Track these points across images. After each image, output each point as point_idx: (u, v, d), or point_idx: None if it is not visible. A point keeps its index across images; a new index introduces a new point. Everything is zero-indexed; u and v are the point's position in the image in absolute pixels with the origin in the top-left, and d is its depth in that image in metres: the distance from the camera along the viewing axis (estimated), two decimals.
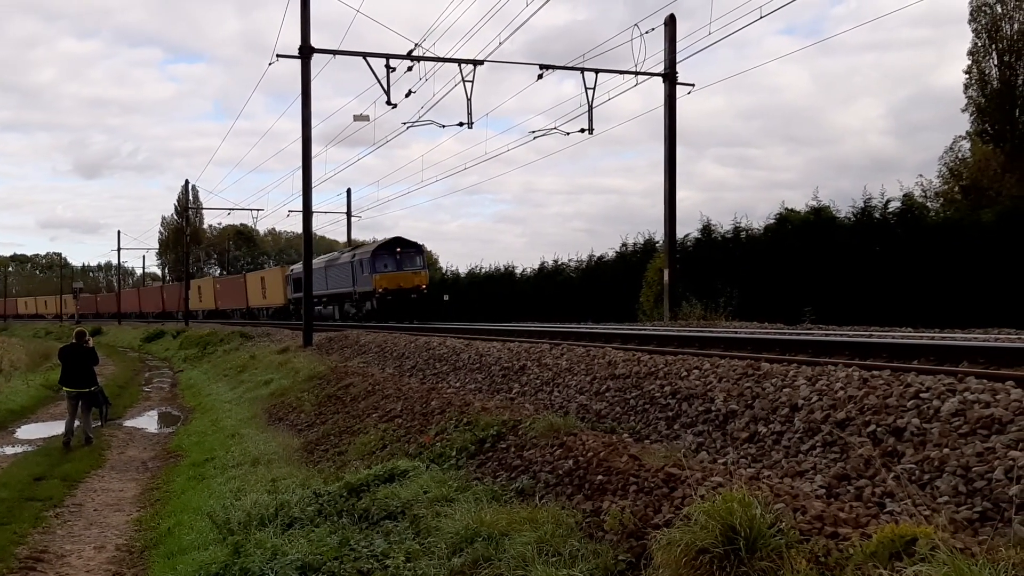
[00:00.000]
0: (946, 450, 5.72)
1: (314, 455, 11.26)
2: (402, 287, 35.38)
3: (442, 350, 16.57)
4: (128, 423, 18.48)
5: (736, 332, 14.97)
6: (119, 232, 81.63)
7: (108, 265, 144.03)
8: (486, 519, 6.10)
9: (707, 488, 5.54)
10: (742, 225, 29.96)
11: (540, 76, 24.50)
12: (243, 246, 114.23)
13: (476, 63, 23.81)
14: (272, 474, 9.88)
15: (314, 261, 42.51)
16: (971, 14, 35.04)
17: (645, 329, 18.28)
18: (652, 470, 6.22)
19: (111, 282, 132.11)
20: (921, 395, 6.54)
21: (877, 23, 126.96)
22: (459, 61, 23.81)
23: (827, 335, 13.38)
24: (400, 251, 36.47)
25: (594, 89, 24.65)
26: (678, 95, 24.80)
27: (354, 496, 7.60)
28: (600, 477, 6.54)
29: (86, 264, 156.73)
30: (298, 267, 44.96)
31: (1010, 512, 4.96)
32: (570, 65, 24.78)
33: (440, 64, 24.07)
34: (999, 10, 34.58)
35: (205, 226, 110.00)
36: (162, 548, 8.26)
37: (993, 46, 34.61)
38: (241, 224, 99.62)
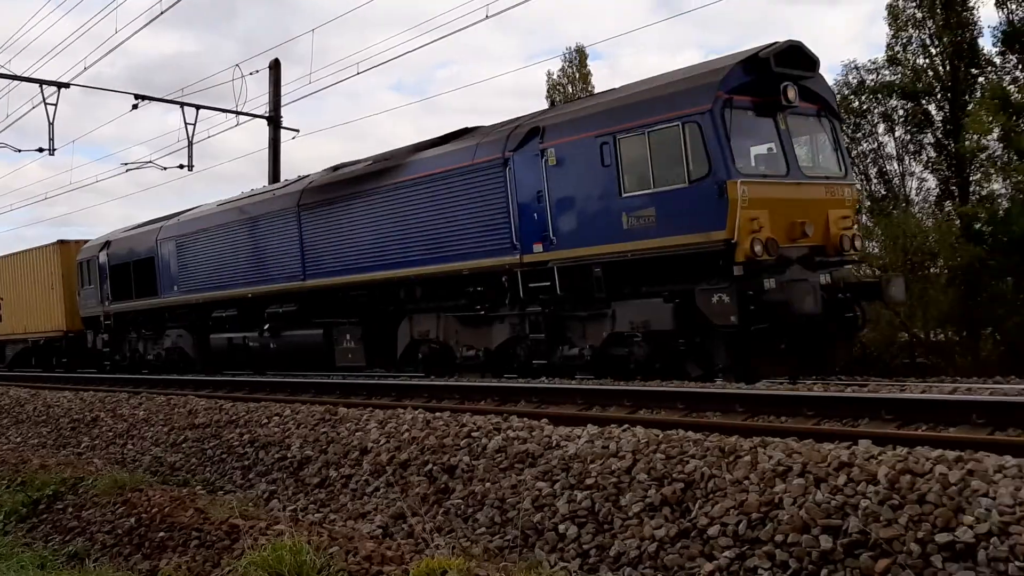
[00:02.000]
0: (488, 484, 6.37)
1: None
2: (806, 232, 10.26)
3: (3, 401, 14.79)
4: None
5: (329, 377, 15.24)
6: None
7: None
8: None
9: (270, 537, 5.61)
10: None
11: (135, 106, 23.16)
12: None
13: (61, 85, 21.81)
14: None
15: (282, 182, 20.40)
16: (548, 91, 39.75)
17: (238, 376, 17.86)
18: (216, 523, 6.13)
19: None
20: (473, 434, 7.21)
21: (473, 88, 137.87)
22: (40, 82, 21.65)
23: (404, 380, 14.11)
24: (792, 100, 10.36)
25: (195, 124, 23.73)
26: (283, 138, 24.81)
27: None
28: (162, 534, 6.30)
29: None
30: (125, 235, 22.12)
31: (534, 538, 5.68)
32: (168, 98, 23.69)
33: (18, 83, 21.74)
34: (570, 90, 39.56)
35: None
36: None
37: None
38: None
